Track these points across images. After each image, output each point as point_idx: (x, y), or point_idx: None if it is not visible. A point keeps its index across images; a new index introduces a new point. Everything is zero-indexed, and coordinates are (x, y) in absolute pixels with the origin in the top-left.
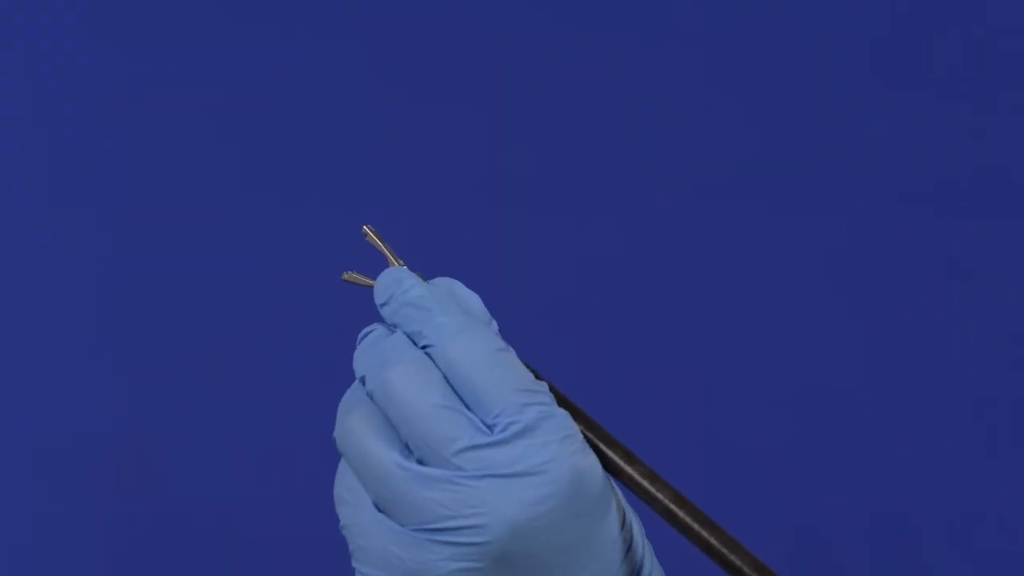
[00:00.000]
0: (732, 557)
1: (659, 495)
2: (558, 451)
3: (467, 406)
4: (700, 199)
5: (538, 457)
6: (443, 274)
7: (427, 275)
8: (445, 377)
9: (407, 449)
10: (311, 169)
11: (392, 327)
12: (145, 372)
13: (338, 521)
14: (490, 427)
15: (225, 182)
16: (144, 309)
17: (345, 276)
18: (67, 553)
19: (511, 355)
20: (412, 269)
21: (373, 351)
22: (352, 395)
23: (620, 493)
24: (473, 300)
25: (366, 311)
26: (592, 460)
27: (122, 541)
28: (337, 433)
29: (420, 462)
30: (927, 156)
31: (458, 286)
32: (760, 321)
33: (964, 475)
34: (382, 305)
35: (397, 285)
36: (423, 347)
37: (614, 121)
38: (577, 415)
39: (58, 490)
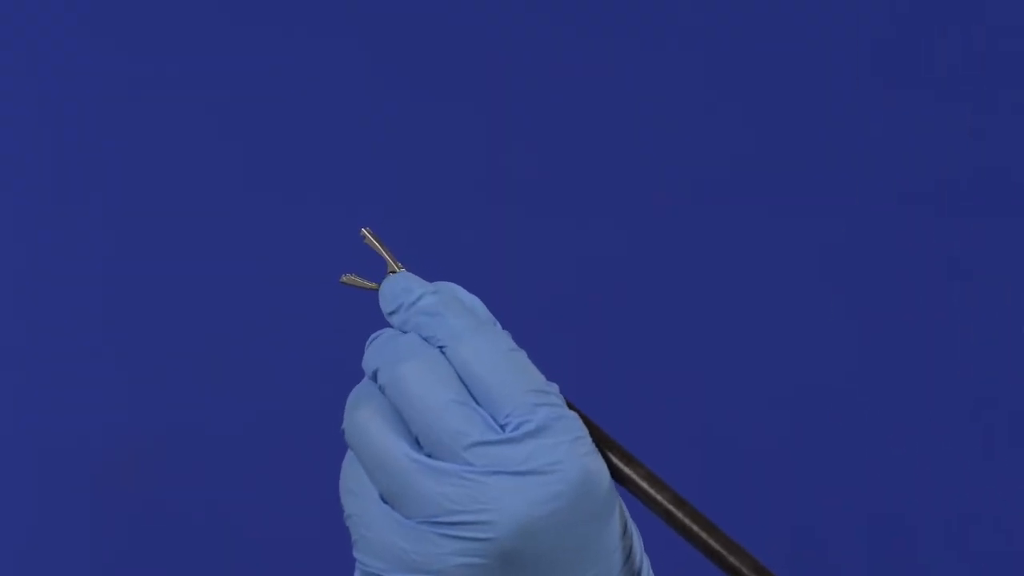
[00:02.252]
0: (731, 559)
1: (658, 497)
2: (569, 452)
3: (479, 405)
4: (700, 199)
5: (549, 457)
6: (443, 275)
7: (427, 277)
8: (459, 377)
9: (416, 443)
10: (311, 169)
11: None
12: (145, 372)
13: (339, 519)
14: (502, 426)
15: (225, 182)
16: (144, 309)
17: (344, 279)
18: (67, 553)
19: (523, 356)
20: (411, 270)
21: (386, 348)
22: (361, 389)
23: (622, 500)
24: (476, 304)
25: (366, 312)
26: (601, 463)
27: (122, 541)
28: (346, 425)
29: (429, 457)
30: (927, 156)
31: (460, 291)
32: (760, 321)
33: (961, 476)
34: (391, 313)
35: (406, 294)
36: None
37: (614, 121)
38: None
39: (58, 490)
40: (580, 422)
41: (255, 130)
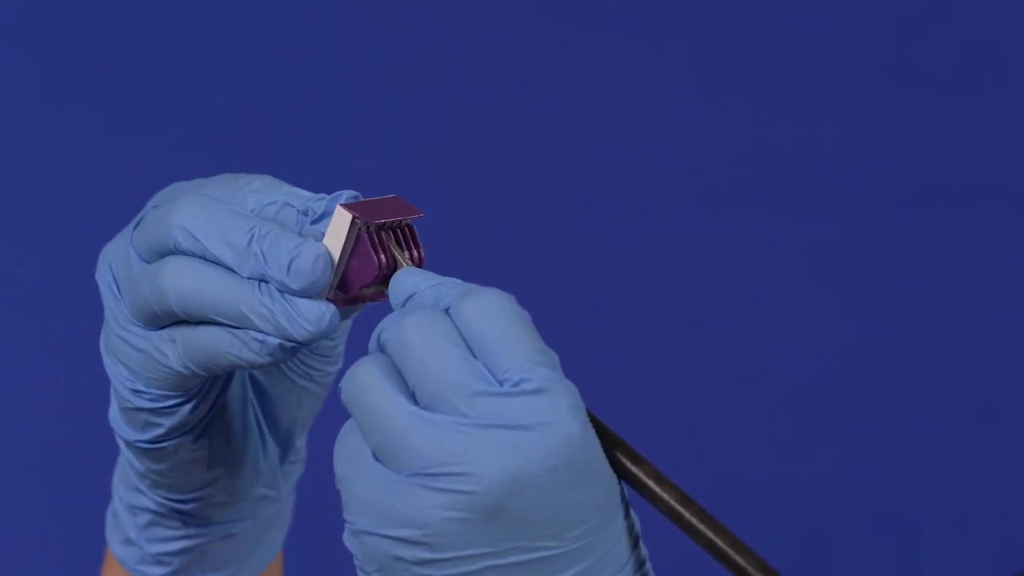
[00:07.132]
0: (737, 558)
1: (665, 495)
2: (564, 415)
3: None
4: (700, 200)
5: (544, 415)
6: (446, 274)
7: None
8: (462, 336)
9: (414, 400)
10: (311, 169)
11: None
12: None
13: (339, 521)
14: (500, 382)
15: None
16: None
17: None
18: (67, 553)
19: (527, 318)
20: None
21: (390, 316)
22: (364, 358)
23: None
24: None
25: (366, 310)
26: (594, 437)
27: None
28: (343, 383)
29: (426, 411)
30: (927, 156)
31: None
32: (760, 321)
33: (965, 475)
34: (400, 305)
35: (418, 285)
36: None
37: (615, 123)
38: None
39: (58, 489)
40: (577, 393)
41: (256, 129)
